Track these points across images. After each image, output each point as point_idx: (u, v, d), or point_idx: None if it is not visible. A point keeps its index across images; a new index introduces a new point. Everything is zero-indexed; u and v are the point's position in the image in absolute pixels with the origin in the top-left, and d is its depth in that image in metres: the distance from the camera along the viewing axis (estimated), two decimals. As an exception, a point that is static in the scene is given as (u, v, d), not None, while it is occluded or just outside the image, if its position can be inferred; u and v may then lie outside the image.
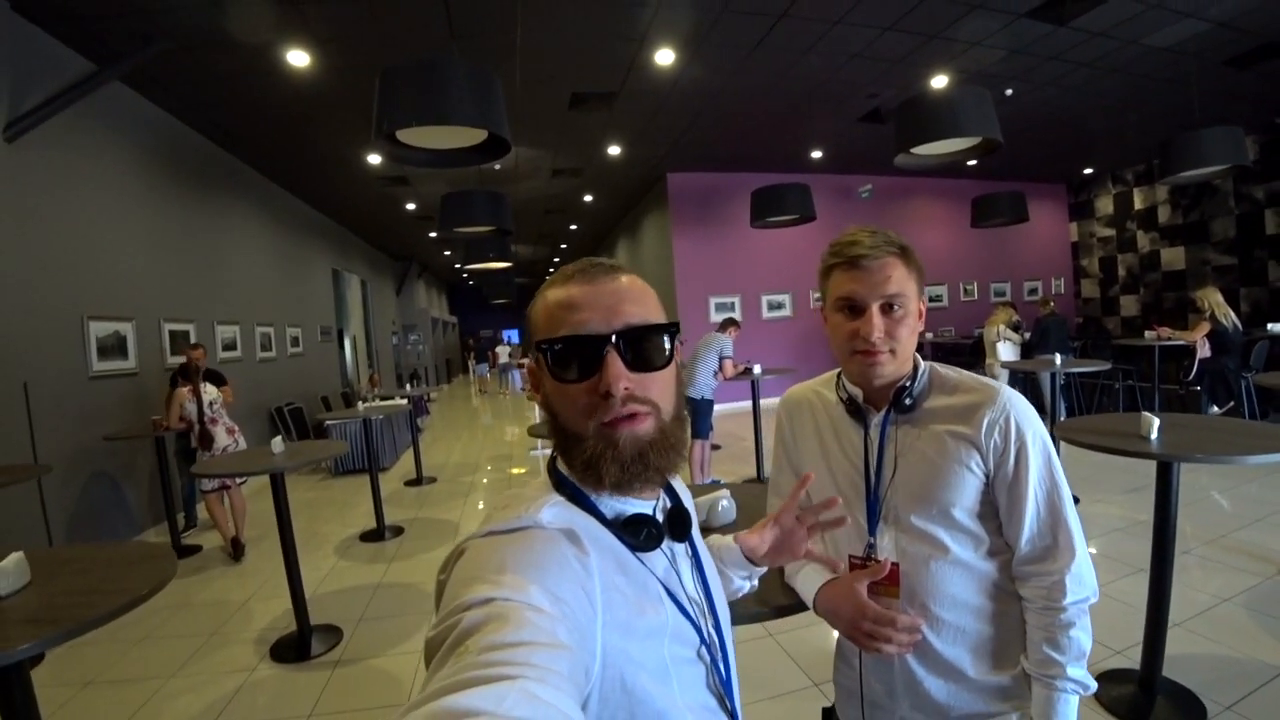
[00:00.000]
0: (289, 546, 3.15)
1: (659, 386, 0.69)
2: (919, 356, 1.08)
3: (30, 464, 4.02)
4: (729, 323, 5.66)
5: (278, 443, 3.47)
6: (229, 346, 6.86)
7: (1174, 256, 10.89)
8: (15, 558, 1.54)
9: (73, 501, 4.47)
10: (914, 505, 1.01)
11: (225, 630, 3.43)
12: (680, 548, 0.78)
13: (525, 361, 0.77)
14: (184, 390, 4.64)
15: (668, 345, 0.70)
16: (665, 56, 5.65)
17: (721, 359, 5.33)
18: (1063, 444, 2.93)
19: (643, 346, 0.68)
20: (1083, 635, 0.95)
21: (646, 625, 0.64)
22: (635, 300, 0.69)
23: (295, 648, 3.12)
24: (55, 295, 4.44)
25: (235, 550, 4.57)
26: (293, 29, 4.63)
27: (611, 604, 0.62)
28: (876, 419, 1.06)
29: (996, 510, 1.01)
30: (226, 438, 4.69)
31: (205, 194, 6.67)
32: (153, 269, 5.62)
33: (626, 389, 0.65)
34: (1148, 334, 7.05)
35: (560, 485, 0.71)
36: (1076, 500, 4.58)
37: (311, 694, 2.76)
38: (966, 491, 0.99)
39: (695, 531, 0.84)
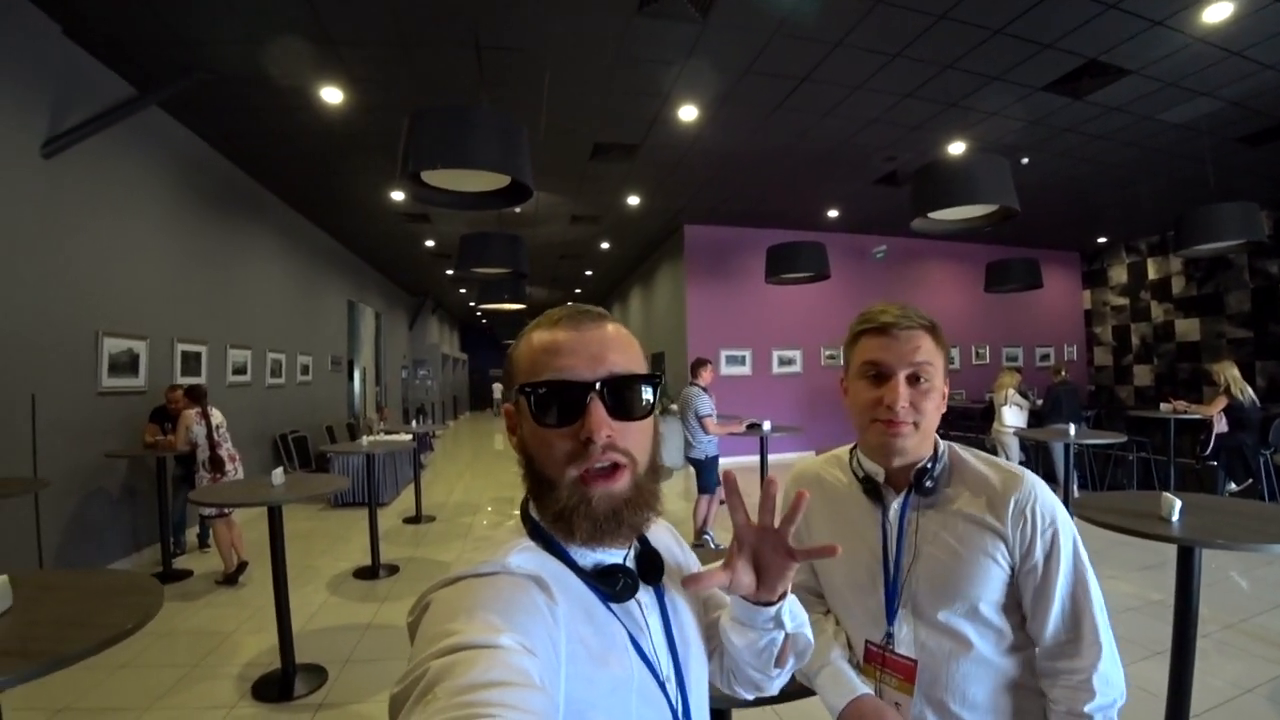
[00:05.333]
0: (280, 582, 3.08)
1: (638, 437, 0.68)
2: (939, 437, 1.04)
3: (30, 477, 4.01)
4: (698, 364, 5.25)
5: (278, 474, 3.44)
6: (239, 370, 6.89)
7: (1188, 328, 10.85)
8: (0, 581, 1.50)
9: (67, 517, 4.43)
10: (938, 598, 0.96)
11: (208, 663, 3.34)
12: (650, 597, 0.74)
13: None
14: (192, 413, 4.65)
15: (649, 396, 0.69)
16: (688, 113, 5.78)
17: (700, 419, 5.04)
18: (1075, 518, 2.85)
19: (625, 396, 0.67)
20: None
21: (610, 678, 0.62)
22: (620, 349, 0.69)
23: (278, 687, 3.03)
24: (71, 309, 4.48)
25: (239, 572, 4.55)
26: (330, 68, 4.78)
27: (575, 656, 0.60)
28: (895, 501, 1.02)
29: (1020, 603, 0.96)
30: (228, 464, 4.67)
31: (227, 218, 6.78)
32: (170, 289, 5.69)
33: (608, 437, 0.64)
34: (1163, 406, 6.93)
35: (534, 532, 0.69)
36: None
37: (290, 738, 2.67)
38: (992, 584, 0.95)
39: (672, 580, 0.79)
